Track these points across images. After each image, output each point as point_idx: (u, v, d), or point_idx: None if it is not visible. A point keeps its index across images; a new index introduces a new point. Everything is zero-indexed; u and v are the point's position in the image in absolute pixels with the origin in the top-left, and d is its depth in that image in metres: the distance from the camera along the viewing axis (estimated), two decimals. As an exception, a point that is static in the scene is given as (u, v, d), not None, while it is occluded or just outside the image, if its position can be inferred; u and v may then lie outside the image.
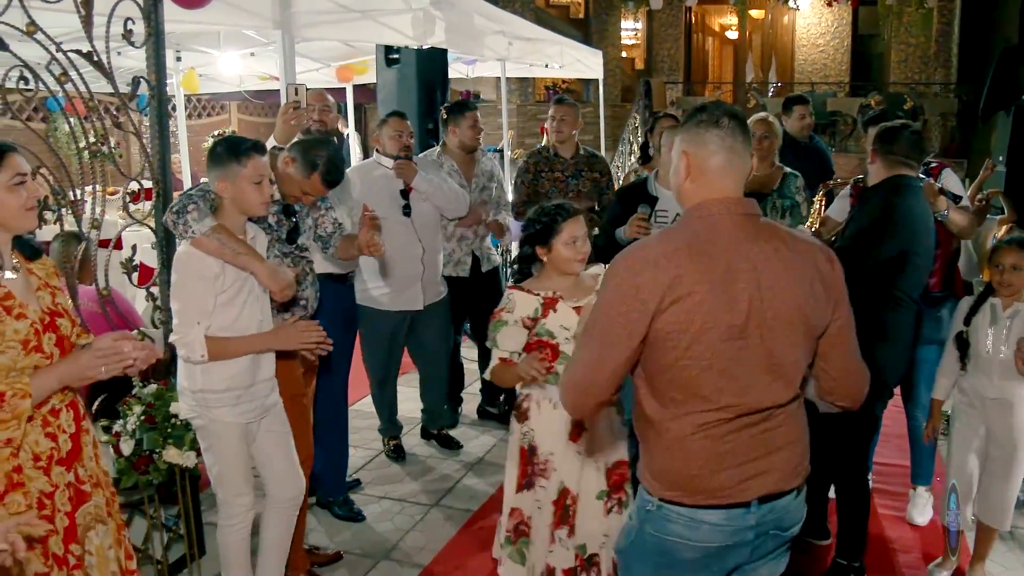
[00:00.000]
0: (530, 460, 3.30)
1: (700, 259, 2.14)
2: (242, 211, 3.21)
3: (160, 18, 3.73)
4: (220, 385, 3.21)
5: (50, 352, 2.45)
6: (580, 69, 10.63)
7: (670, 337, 2.13)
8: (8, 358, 2.35)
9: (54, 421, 2.49)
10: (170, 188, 3.88)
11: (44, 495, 2.44)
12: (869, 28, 19.23)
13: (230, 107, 15.92)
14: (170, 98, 5.46)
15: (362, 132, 15.31)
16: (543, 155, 5.63)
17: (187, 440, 3.45)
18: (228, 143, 3.21)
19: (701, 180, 2.23)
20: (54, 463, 2.48)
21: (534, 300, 3.22)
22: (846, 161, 12.21)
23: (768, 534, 2.31)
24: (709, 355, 2.14)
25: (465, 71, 9.70)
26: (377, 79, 6.73)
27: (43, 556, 2.44)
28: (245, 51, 7.69)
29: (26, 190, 2.42)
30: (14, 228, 2.46)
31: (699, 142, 2.23)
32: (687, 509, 2.24)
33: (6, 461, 2.38)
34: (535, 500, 3.30)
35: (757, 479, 2.24)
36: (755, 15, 20.21)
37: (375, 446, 5.41)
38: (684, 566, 2.31)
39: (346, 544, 4.26)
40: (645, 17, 20.24)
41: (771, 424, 2.25)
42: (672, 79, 19.38)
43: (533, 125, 16.25)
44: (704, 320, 2.12)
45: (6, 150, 2.41)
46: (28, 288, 2.49)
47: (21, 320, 2.38)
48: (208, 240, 3.11)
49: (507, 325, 3.23)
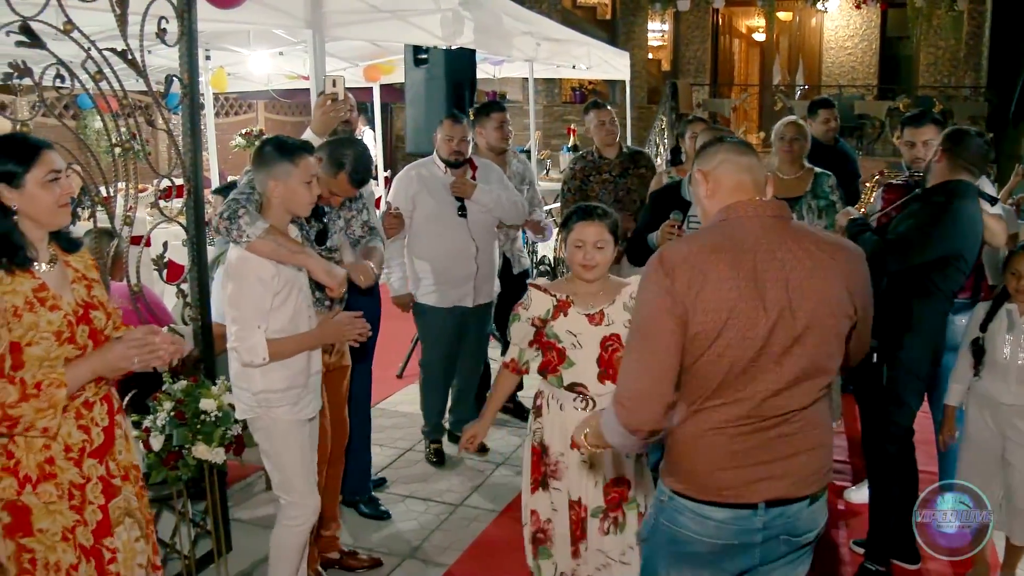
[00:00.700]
0: (543, 459, 3.27)
1: (729, 259, 2.18)
2: (290, 211, 3.24)
3: (193, 17, 3.75)
4: (281, 384, 3.25)
5: (83, 344, 2.49)
6: (607, 70, 10.63)
7: (698, 336, 2.17)
8: (41, 349, 2.39)
9: (87, 414, 2.53)
10: (201, 186, 3.91)
11: (74, 486, 2.49)
12: (898, 30, 19.08)
13: (257, 106, 16.02)
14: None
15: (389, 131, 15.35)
16: (588, 159, 5.66)
17: (216, 436, 3.46)
18: (278, 143, 3.23)
19: (722, 191, 2.33)
20: (86, 455, 2.52)
21: (548, 300, 3.19)
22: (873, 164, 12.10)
23: (778, 538, 2.32)
24: (733, 355, 2.17)
25: (492, 71, 9.71)
26: (405, 79, 6.72)
27: (74, 547, 2.48)
28: (274, 50, 7.73)
29: (60, 187, 2.45)
30: (47, 224, 2.49)
31: (709, 160, 2.37)
32: (695, 504, 2.29)
33: (39, 452, 2.43)
34: (550, 502, 3.26)
35: (766, 482, 2.26)
36: (782, 17, 20.09)
37: (400, 445, 5.42)
38: (695, 560, 2.34)
39: (370, 543, 4.28)
40: (672, 19, 20.18)
41: (788, 428, 2.26)
42: (698, 81, 19.31)
43: (559, 126, 16.24)
44: (731, 319, 2.15)
45: (42, 147, 2.44)
46: (63, 280, 2.52)
47: (55, 311, 2.42)
48: (264, 243, 3.14)
49: (518, 320, 3.24)
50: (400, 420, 5.41)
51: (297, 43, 7.02)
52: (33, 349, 2.38)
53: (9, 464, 2.41)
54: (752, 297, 2.16)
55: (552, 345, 3.17)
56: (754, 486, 2.25)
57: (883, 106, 16.51)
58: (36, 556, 2.44)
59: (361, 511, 4.54)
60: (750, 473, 2.25)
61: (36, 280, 2.43)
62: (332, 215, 3.84)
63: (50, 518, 2.44)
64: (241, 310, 3.15)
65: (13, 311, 2.36)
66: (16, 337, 2.36)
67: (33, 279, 2.42)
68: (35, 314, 2.39)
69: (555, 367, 3.18)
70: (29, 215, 2.43)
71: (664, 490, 2.37)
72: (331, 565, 4.02)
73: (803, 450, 2.28)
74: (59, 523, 2.45)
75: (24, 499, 2.42)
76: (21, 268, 2.40)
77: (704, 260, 2.18)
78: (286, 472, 3.37)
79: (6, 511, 2.42)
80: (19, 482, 2.42)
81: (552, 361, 3.18)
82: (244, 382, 3.30)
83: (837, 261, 2.27)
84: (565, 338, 3.14)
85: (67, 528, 2.47)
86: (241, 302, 3.16)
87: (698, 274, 2.16)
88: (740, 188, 2.31)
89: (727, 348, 2.16)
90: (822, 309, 2.22)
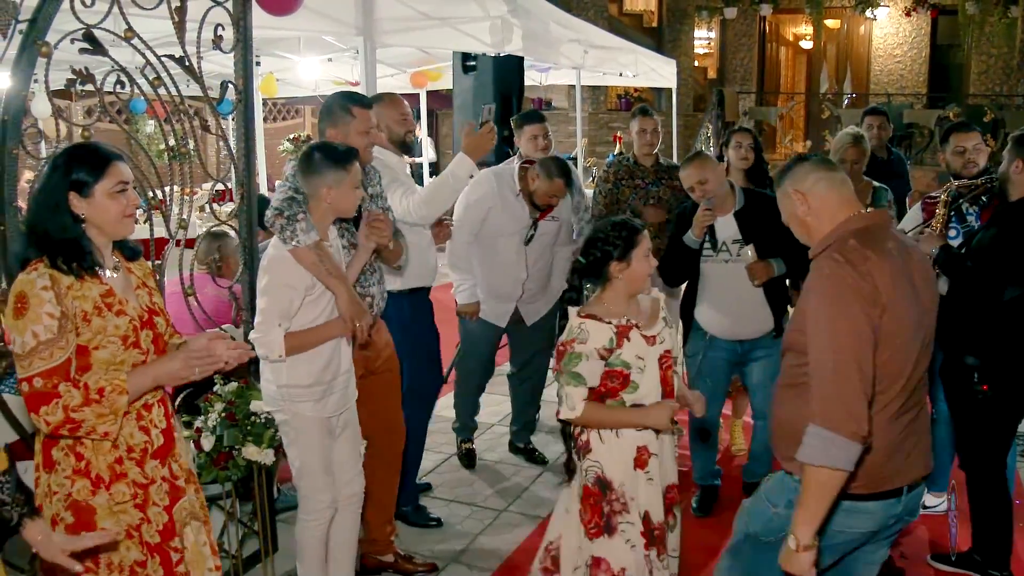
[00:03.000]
0: (605, 498, 3.04)
1: (890, 261, 2.38)
2: (339, 214, 3.33)
3: (249, 24, 3.81)
4: (306, 380, 3.31)
5: (147, 348, 2.55)
6: (654, 78, 10.62)
7: (885, 339, 2.34)
8: (108, 352, 2.45)
9: (147, 415, 2.58)
10: (253, 190, 3.96)
11: (138, 486, 2.54)
12: (949, 38, 18.80)
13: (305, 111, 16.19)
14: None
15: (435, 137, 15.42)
16: (623, 164, 5.65)
17: (266, 438, 3.50)
18: (328, 150, 3.30)
19: (824, 204, 2.52)
20: (148, 456, 2.57)
21: (607, 329, 3.00)
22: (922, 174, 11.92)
23: (902, 519, 2.57)
24: (903, 354, 2.39)
25: (538, 79, 9.75)
26: (454, 86, 6.78)
27: (140, 545, 2.53)
28: (323, 56, 7.83)
29: (126, 198, 2.51)
30: (112, 233, 2.55)
31: (800, 179, 2.55)
32: (851, 502, 2.43)
33: (107, 453, 2.48)
34: (626, 541, 3.01)
35: (914, 464, 2.50)
36: (830, 25, 19.90)
37: (445, 450, 5.44)
38: (827, 551, 2.48)
39: (414, 547, 4.29)
40: (719, 26, 20.07)
41: (917, 412, 2.51)
42: (745, 89, 19.19)
43: (605, 133, 16.24)
44: (902, 319, 2.36)
45: (113, 158, 2.51)
46: (128, 286, 2.60)
47: (121, 316, 2.49)
48: (308, 254, 3.21)
49: (584, 359, 2.98)
50: (444, 425, 5.43)
51: (346, 50, 7.11)
52: (100, 353, 2.45)
53: (80, 466, 2.47)
54: (910, 298, 2.39)
55: (618, 373, 3.02)
56: (904, 472, 2.48)
57: (932, 115, 16.27)
58: (99, 555, 2.49)
59: (410, 520, 4.52)
60: (902, 460, 2.47)
61: (104, 286, 2.50)
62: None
63: (113, 518, 2.49)
64: (267, 305, 3.23)
65: (83, 316, 2.42)
66: (84, 341, 2.42)
67: (101, 284, 2.49)
68: (103, 319, 2.45)
69: (616, 392, 3.04)
70: (95, 223, 2.49)
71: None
72: (385, 568, 4.05)
73: (923, 433, 2.55)
74: (123, 522, 2.50)
75: (87, 499, 2.47)
76: (90, 274, 2.46)
77: (876, 264, 2.35)
78: (303, 467, 3.43)
79: (69, 511, 2.47)
80: (92, 483, 2.47)
81: (615, 388, 3.04)
82: (272, 374, 3.36)
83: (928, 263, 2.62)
84: (634, 363, 3.02)
85: (132, 526, 2.52)
86: (269, 298, 3.24)
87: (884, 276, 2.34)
88: (846, 202, 2.52)
89: (903, 347, 2.38)
90: (931, 305, 2.50)
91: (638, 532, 3.03)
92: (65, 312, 2.37)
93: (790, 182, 2.56)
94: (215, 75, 4.15)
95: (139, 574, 2.54)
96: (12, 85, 3.05)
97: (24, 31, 3.04)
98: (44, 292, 2.35)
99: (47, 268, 2.40)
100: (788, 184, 2.57)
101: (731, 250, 4.34)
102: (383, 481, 3.95)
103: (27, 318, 2.34)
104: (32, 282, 2.37)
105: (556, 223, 5.05)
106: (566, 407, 3.02)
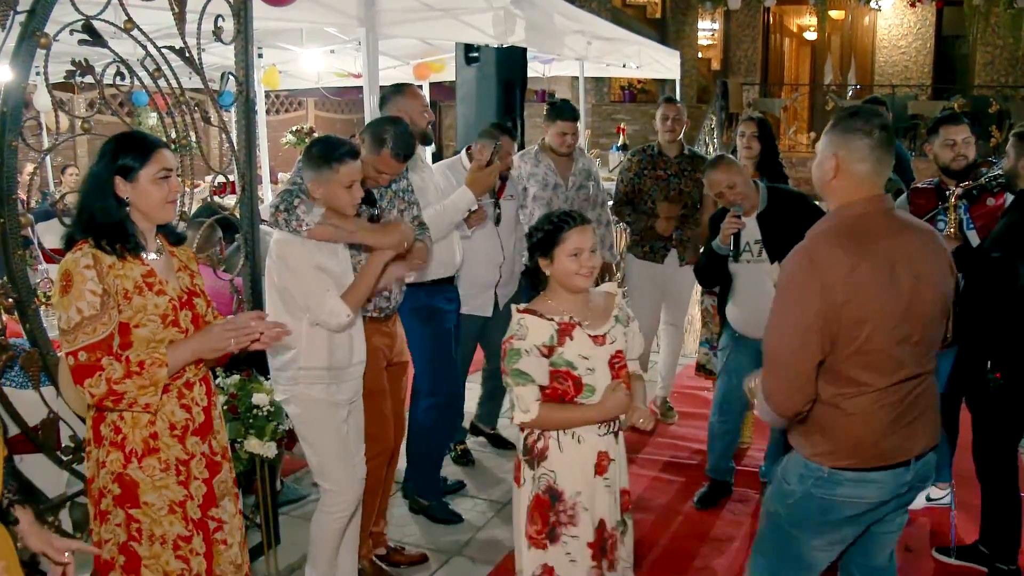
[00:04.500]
0: (552, 508, 2.88)
1: (867, 252, 2.42)
2: (333, 209, 3.30)
3: (249, 15, 3.79)
4: (322, 363, 3.32)
5: (186, 327, 2.66)
6: (657, 69, 10.59)
7: (853, 327, 2.41)
8: (148, 330, 2.56)
9: (188, 393, 2.68)
10: (255, 182, 3.95)
11: (180, 462, 2.65)
12: (954, 29, 18.70)
13: (308, 103, 16.17)
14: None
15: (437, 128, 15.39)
16: (647, 153, 5.62)
17: (268, 431, 3.50)
18: (324, 146, 3.30)
19: (847, 181, 2.51)
20: (189, 433, 2.67)
21: (548, 326, 2.83)
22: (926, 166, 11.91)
23: (915, 487, 2.63)
24: (883, 339, 2.42)
25: (541, 70, 9.71)
26: (457, 77, 6.76)
27: (183, 520, 2.63)
28: (326, 48, 7.80)
29: (168, 184, 2.60)
30: (155, 218, 2.65)
31: (850, 147, 2.49)
32: (857, 473, 2.53)
33: (145, 427, 2.59)
34: (566, 554, 2.88)
35: (915, 439, 2.57)
36: (835, 16, 19.81)
37: (447, 442, 5.42)
38: (841, 522, 2.62)
39: (417, 540, 4.30)
40: (722, 17, 19.98)
41: (920, 388, 2.56)
42: (749, 80, 19.12)
43: (609, 125, 16.19)
44: (879, 307, 2.41)
45: (158, 145, 2.61)
46: (169, 268, 2.70)
47: (161, 296, 2.59)
48: (323, 229, 3.24)
49: (525, 355, 2.82)
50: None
51: (348, 41, 7.09)
52: (141, 331, 2.55)
53: (116, 439, 2.58)
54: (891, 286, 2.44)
55: (567, 374, 2.85)
56: (909, 444, 2.56)
57: (937, 106, 16.17)
58: (143, 527, 2.60)
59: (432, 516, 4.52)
60: (906, 433, 2.54)
61: (145, 267, 2.60)
62: (386, 208, 3.82)
63: (156, 492, 2.60)
64: (306, 287, 3.24)
65: (124, 294, 2.52)
66: (126, 318, 2.53)
67: (143, 265, 2.59)
68: (143, 298, 2.56)
69: (572, 397, 2.87)
70: (139, 208, 2.59)
71: (818, 468, 2.57)
72: (379, 560, 4.03)
73: (928, 406, 2.60)
74: (166, 497, 2.61)
75: (131, 473, 2.58)
76: (132, 254, 2.56)
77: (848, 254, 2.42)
78: (322, 456, 3.41)
79: (116, 483, 2.58)
80: (125, 456, 2.58)
81: (568, 392, 2.86)
82: (285, 357, 3.35)
83: (941, 247, 2.62)
84: (579, 363, 2.85)
85: (175, 502, 2.62)
86: (302, 282, 3.24)
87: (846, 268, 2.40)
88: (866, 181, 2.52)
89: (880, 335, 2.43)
90: (940, 290, 2.54)
91: (584, 544, 2.88)
92: (107, 289, 2.48)
93: (838, 141, 2.51)
94: (216, 67, 4.14)
95: (182, 548, 2.64)
96: (12, 77, 3.04)
97: (23, 22, 3.03)
98: (87, 271, 2.46)
99: (91, 248, 2.51)
100: (831, 144, 2.53)
101: (753, 250, 4.35)
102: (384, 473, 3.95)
103: (71, 295, 2.45)
104: (76, 261, 2.48)
105: (514, 202, 5.00)
106: (519, 410, 2.85)
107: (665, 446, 5.51)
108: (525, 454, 2.94)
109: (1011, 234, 3.67)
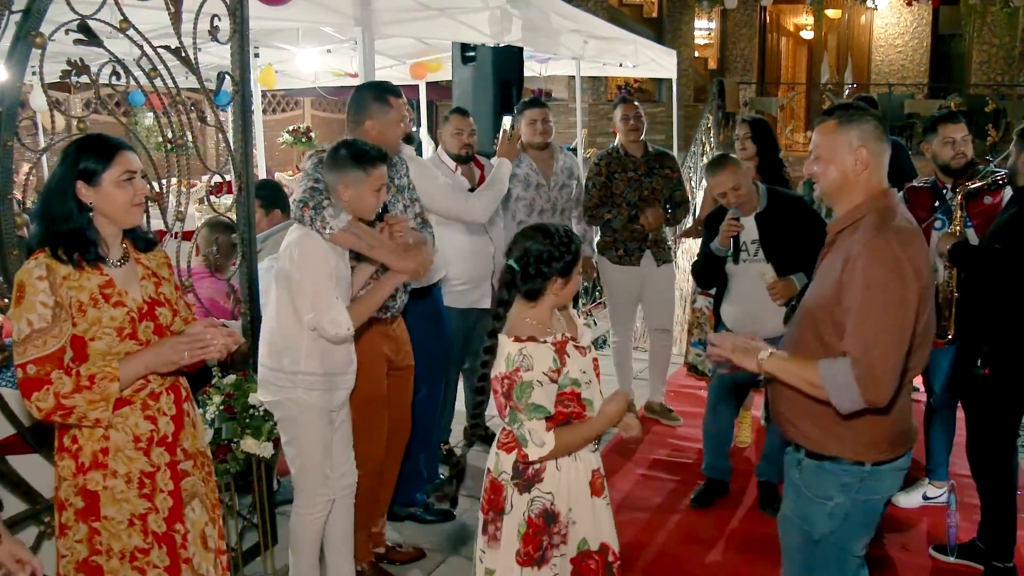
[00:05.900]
0: (547, 530, 2.77)
1: (918, 235, 2.54)
2: (356, 214, 3.28)
3: (245, 15, 3.79)
4: (320, 369, 3.30)
5: (145, 340, 2.57)
6: (654, 68, 10.58)
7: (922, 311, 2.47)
8: (104, 344, 2.48)
9: (154, 404, 2.62)
10: (251, 182, 3.94)
11: (144, 475, 2.59)
12: (950, 28, 18.74)
13: (304, 103, 16.14)
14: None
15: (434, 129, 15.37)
16: (614, 156, 5.62)
17: (264, 431, 3.50)
18: (354, 149, 3.26)
19: (874, 173, 2.57)
20: (154, 444, 2.61)
21: (547, 349, 2.70)
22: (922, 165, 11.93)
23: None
24: (924, 320, 2.51)
25: (538, 69, 9.70)
26: (453, 76, 6.74)
27: (142, 532, 2.58)
28: (322, 48, 7.79)
29: (134, 186, 2.54)
30: (121, 222, 2.57)
31: (876, 138, 2.56)
32: (892, 463, 2.62)
33: (97, 441, 2.53)
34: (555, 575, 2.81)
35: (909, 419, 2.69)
36: (831, 15, 19.83)
37: (444, 442, 5.41)
38: (877, 518, 2.71)
39: (415, 539, 4.29)
40: (719, 16, 20.00)
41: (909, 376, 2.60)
42: (745, 79, 19.13)
43: (605, 124, 16.19)
44: (929, 288, 2.53)
45: (119, 147, 2.54)
46: (132, 277, 2.61)
47: (119, 308, 2.51)
48: (347, 235, 3.23)
49: (538, 386, 2.67)
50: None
51: (345, 41, 7.08)
52: (96, 344, 2.48)
53: (72, 448, 2.54)
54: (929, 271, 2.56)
55: (571, 395, 2.76)
56: (914, 431, 2.71)
57: (934, 105, 16.20)
58: (102, 541, 2.55)
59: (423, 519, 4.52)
60: (910, 422, 2.67)
61: (104, 277, 2.52)
62: (389, 202, 3.80)
63: (116, 506, 2.55)
64: (315, 285, 3.20)
65: (78, 306, 2.45)
66: (80, 331, 2.46)
67: (101, 275, 2.51)
68: (99, 310, 2.48)
69: (580, 414, 2.79)
70: (104, 212, 2.52)
71: (859, 468, 2.58)
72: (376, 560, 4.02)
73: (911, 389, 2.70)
74: (126, 511, 2.56)
75: (90, 486, 2.53)
76: (91, 264, 2.49)
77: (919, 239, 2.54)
78: (304, 459, 3.39)
79: (79, 496, 2.54)
80: (76, 466, 2.53)
81: (576, 411, 2.78)
82: (284, 359, 3.31)
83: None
84: (580, 379, 2.77)
85: (136, 515, 2.57)
86: (314, 282, 3.21)
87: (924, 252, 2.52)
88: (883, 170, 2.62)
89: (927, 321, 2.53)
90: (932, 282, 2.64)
91: (567, 560, 2.82)
92: (59, 301, 2.41)
93: (860, 135, 2.55)
94: (213, 67, 4.13)
95: (139, 560, 2.58)
96: (7, 77, 3.03)
97: (18, 22, 3.02)
98: (39, 282, 2.39)
99: (47, 258, 2.44)
100: (858, 137, 2.55)
101: (750, 249, 4.36)
102: (385, 476, 3.95)
103: (23, 307, 2.39)
104: (30, 271, 2.41)
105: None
106: (533, 445, 2.68)
107: (661, 445, 5.51)
108: (516, 478, 2.78)
109: (1013, 226, 3.69)
